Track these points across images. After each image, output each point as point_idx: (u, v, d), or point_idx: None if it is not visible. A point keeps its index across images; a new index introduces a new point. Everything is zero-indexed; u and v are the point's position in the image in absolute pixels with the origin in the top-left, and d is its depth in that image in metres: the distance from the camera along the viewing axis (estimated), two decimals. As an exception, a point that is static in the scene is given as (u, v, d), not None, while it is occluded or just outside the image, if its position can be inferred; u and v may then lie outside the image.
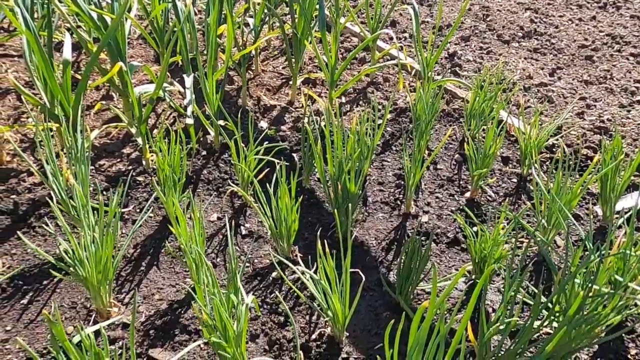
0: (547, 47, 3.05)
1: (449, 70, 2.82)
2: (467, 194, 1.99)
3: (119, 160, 2.12)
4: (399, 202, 1.95)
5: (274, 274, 1.63)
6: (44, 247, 1.70)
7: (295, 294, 1.57)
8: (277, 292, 1.57)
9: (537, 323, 1.22)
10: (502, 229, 1.48)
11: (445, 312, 1.53)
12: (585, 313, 1.15)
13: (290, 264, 1.39)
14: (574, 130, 2.34)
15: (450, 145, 2.26)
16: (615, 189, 1.78)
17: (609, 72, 2.78)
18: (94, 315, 1.48)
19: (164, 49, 2.50)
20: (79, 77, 2.44)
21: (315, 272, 1.36)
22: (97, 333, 1.38)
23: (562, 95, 2.61)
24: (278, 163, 1.67)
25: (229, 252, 1.72)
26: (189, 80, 2.20)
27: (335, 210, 1.55)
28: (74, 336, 1.37)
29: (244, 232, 1.80)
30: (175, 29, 2.36)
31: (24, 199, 1.87)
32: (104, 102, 2.25)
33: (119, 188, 1.54)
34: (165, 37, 2.49)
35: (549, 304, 1.25)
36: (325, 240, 1.43)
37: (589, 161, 2.16)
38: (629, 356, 1.43)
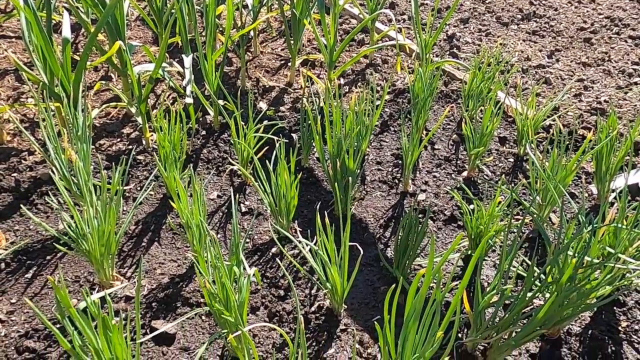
0: (545, 29, 3.05)
1: (448, 52, 2.83)
2: (465, 173, 2.01)
3: (119, 140, 2.14)
4: (396, 181, 1.97)
5: (273, 250, 1.66)
6: (46, 224, 1.72)
7: (294, 268, 1.60)
8: (278, 264, 1.59)
9: (530, 295, 1.25)
10: (498, 204, 1.51)
11: (442, 286, 1.57)
12: (576, 282, 1.18)
13: (290, 236, 1.42)
14: (571, 111, 2.36)
15: (448, 126, 2.28)
16: (610, 167, 1.80)
17: (607, 54, 2.79)
18: (97, 289, 1.51)
19: (162, 30, 2.50)
20: (78, 58, 2.44)
21: (314, 246, 1.39)
22: (100, 304, 1.41)
23: (559, 77, 2.62)
24: (277, 141, 1.69)
25: (229, 228, 1.74)
26: (188, 61, 2.21)
27: (335, 185, 1.57)
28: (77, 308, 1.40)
29: (243, 209, 1.83)
30: (174, 9, 2.36)
31: (25, 177, 1.88)
32: (103, 82, 2.26)
33: (120, 166, 1.56)
34: (163, 17, 2.49)
35: (542, 275, 1.28)
36: (325, 217, 1.45)
37: (584, 142, 2.18)
38: (619, 328, 1.47)
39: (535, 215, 1.48)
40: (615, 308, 1.52)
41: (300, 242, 1.39)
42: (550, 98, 2.42)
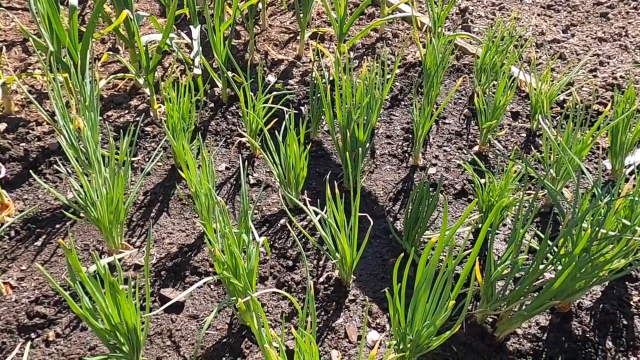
0: (561, 3, 2.97)
1: (460, 26, 2.77)
2: (476, 148, 1.98)
3: (126, 111, 2.12)
4: (406, 155, 1.95)
5: (282, 221, 1.65)
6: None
7: (303, 240, 1.59)
8: (287, 235, 1.59)
9: (542, 267, 1.24)
10: (513, 173, 1.49)
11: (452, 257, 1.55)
12: (591, 254, 1.16)
13: (301, 204, 1.40)
14: (586, 86, 2.31)
15: (460, 101, 2.24)
16: (625, 143, 1.77)
17: (624, 29, 2.72)
18: (105, 257, 1.51)
19: (169, 0, 2.46)
20: (85, 29, 2.41)
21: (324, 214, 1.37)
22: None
23: (574, 52, 2.56)
24: (287, 112, 1.66)
25: (237, 200, 1.74)
26: (195, 32, 2.18)
27: (346, 154, 1.55)
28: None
29: (252, 181, 1.81)
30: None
31: (33, 146, 1.88)
32: (110, 53, 2.23)
33: (127, 136, 1.55)
34: (171, -12, 2.44)
35: (555, 248, 1.27)
36: (334, 187, 1.44)
37: (600, 117, 2.14)
38: (631, 302, 1.45)
39: (548, 186, 1.45)
40: (627, 283, 1.50)
41: (310, 209, 1.38)
42: (565, 73, 2.37)
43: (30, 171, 1.66)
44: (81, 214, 1.56)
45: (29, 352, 1.28)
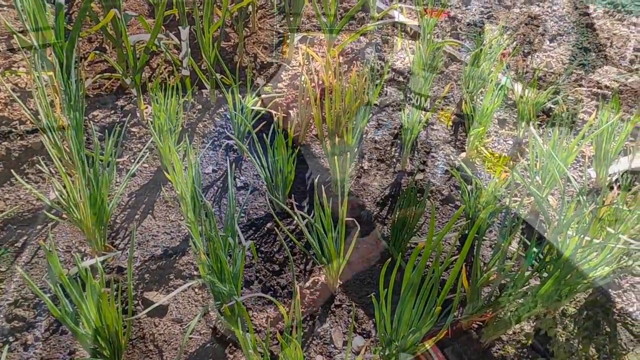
0: (548, 13, 3.01)
1: (449, 34, 2.79)
2: (463, 154, 1.99)
3: (112, 112, 2.09)
4: (394, 160, 1.95)
5: (268, 225, 1.64)
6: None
7: (289, 244, 1.58)
8: (273, 239, 1.57)
9: (529, 274, 1.24)
10: (501, 180, 1.49)
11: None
12: (576, 262, 1.17)
13: (287, 209, 1.40)
14: (571, 95, 2.34)
15: (448, 107, 2.25)
16: (610, 151, 1.79)
17: (609, 40, 2.76)
18: (88, 259, 1.49)
19: (158, 0, 2.44)
20: (71, 28, 2.38)
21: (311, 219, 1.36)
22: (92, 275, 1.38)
23: (561, 61, 2.60)
24: (275, 115, 1.65)
25: (224, 203, 1.72)
26: (184, 33, 2.16)
27: (335, 159, 1.55)
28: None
29: (239, 184, 1.80)
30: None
31: (16, 145, 1.84)
32: (97, 52, 2.21)
33: (113, 136, 1.52)
34: (160, -12, 2.42)
35: (540, 255, 1.27)
36: (322, 191, 1.43)
37: (585, 125, 2.17)
38: (614, 310, 1.47)
39: (535, 195, 1.47)
40: (610, 290, 1.52)
41: (296, 213, 1.37)
42: (551, 81, 2.40)
43: (12, 170, 1.62)
44: (64, 215, 1.53)
45: (7, 355, 1.25)
